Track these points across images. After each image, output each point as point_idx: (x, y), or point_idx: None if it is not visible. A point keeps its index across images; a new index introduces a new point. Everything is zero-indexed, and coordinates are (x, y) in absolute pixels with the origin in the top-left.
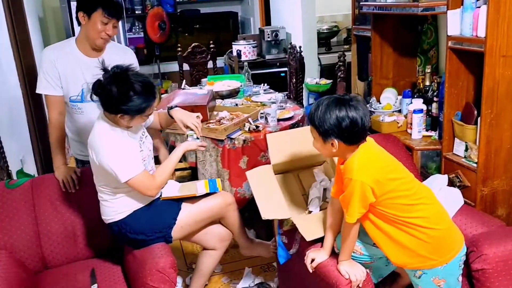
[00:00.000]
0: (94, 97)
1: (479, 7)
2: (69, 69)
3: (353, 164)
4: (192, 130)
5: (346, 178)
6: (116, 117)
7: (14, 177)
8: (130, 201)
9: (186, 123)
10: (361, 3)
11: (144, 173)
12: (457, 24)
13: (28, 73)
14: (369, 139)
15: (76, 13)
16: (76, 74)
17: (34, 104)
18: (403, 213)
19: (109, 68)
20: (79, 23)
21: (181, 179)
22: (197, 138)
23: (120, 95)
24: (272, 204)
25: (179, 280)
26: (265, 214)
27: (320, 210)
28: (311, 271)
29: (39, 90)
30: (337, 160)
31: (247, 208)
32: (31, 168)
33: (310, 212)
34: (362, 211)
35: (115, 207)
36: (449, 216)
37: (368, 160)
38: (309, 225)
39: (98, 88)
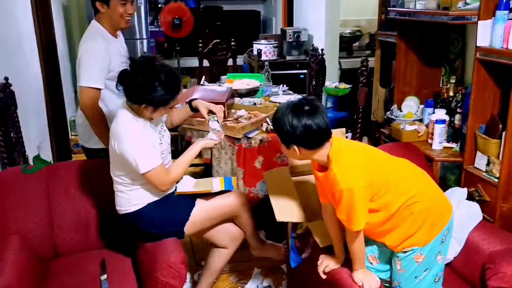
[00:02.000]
0: (119, 86)
1: (511, 19)
2: (114, 55)
3: (336, 175)
4: (214, 114)
5: (336, 191)
6: (140, 107)
7: (31, 162)
8: (145, 194)
9: (209, 108)
10: (388, 8)
11: (161, 167)
12: (488, 35)
13: (49, 61)
14: (336, 138)
15: (93, 4)
16: (117, 57)
17: (54, 92)
18: (390, 198)
19: (136, 58)
20: (96, 12)
21: (194, 176)
22: (218, 121)
23: (145, 85)
24: (287, 206)
25: (188, 277)
26: (280, 216)
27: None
28: (324, 277)
29: (95, 84)
30: (311, 164)
31: (260, 208)
32: (47, 154)
33: None
34: (367, 214)
35: (130, 199)
36: (434, 184)
37: (345, 162)
38: (324, 231)
39: (124, 77)
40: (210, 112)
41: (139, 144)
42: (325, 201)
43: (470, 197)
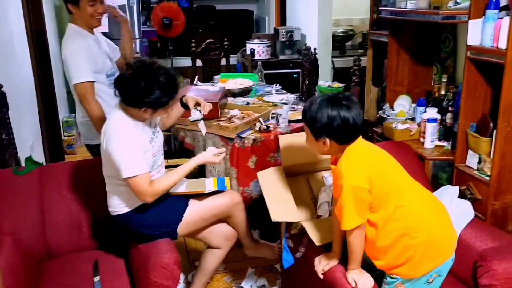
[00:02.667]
0: (117, 92)
1: (501, 18)
2: (95, 49)
3: (341, 168)
4: (199, 106)
5: (337, 184)
6: (139, 111)
7: (23, 164)
8: None
9: (197, 100)
10: (380, 8)
11: (145, 176)
12: (478, 34)
13: (41, 61)
14: (360, 139)
15: (66, 5)
16: (97, 50)
17: (46, 93)
18: (386, 215)
19: (132, 63)
20: (70, 13)
21: (187, 176)
22: (200, 112)
23: (145, 88)
24: (282, 206)
25: (181, 277)
26: (275, 216)
27: (330, 215)
28: (321, 276)
29: (86, 78)
30: (330, 159)
31: (253, 208)
32: (39, 156)
33: (319, 216)
34: (361, 216)
35: (122, 200)
36: (440, 219)
37: (355, 160)
38: (319, 229)
39: (122, 82)
40: (197, 104)
41: (127, 147)
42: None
43: (462, 195)
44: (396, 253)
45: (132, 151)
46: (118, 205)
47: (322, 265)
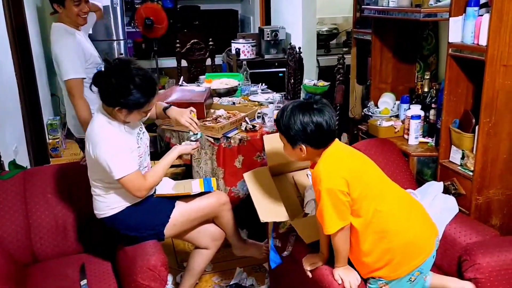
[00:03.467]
0: (94, 88)
1: (482, 15)
2: (84, 44)
3: (319, 173)
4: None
5: (316, 190)
6: (113, 110)
7: (6, 168)
8: (123, 197)
9: (180, 122)
10: (362, 6)
11: (137, 172)
12: (459, 31)
13: (24, 64)
14: (336, 142)
15: (51, 5)
16: (86, 45)
17: (29, 95)
18: (366, 220)
19: (111, 60)
20: (56, 12)
21: (175, 176)
22: (197, 134)
23: (119, 87)
24: (270, 206)
25: (170, 278)
26: (264, 217)
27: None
28: (310, 275)
29: (76, 74)
30: (309, 162)
31: (241, 207)
32: (23, 159)
33: (306, 214)
34: (342, 219)
35: (108, 202)
36: (420, 219)
37: (332, 164)
38: (307, 228)
39: (98, 79)
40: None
41: (113, 149)
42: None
43: (446, 190)
44: (377, 256)
45: (119, 151)
46: (104, 208)
47: (308, 263)
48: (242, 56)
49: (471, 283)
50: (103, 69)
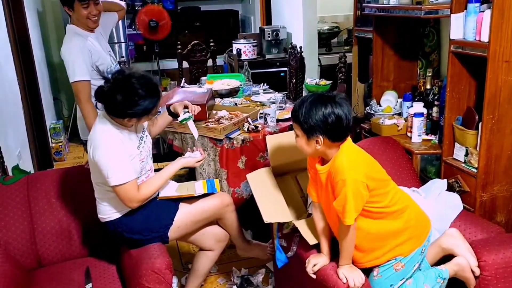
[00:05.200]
0: (99, 104)
1: (483, 11)
2: (93, 48)
3: (343, 164)
4: (187, 109)
5: (338, 180)
6: (123, 120)
7: (10, 173)
8: None
9: (185, 104)
10: (363, 4)
11: (133, 183)
12: (460, 28)
13: (26, 68)
14: (348, 139)
15: (63, 7)
16: (97, 49)
17: (32, 100)
18: (384, 209)
19: (110, 76)
20: (69, 14)
21: (178, 178)
22: (189, 114)
23: (125, 102)
24: (274, 207)
25: (175, 280)
26: (268, 218)
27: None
28: (314, 276)
29: (81, 77)
30: (308, 161)
31: (245, 208)
32: (27, 164)
33: (310, 215)
34: (358, 211)
35: (111, 206)
36: (415, 201)
37: (355, 157)
38: (311, 228)
39: (102, 96)
40: (185, 107)
41: (113, 156)
42: (319, 200)
43: (450, 188)
44: (396, 234)
45: (118, 159)
46: (107, 211)
47: (311, 264)
48: (243, 57)
49: (454, 228)
50: (110, 75)
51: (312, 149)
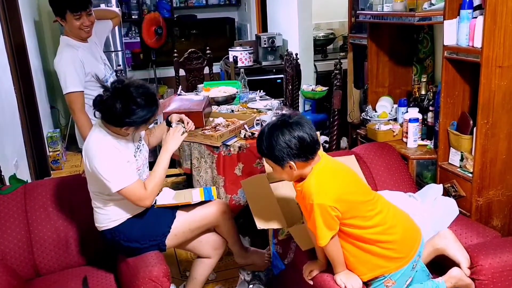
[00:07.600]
0: (97, 113)
1: (476, 17)
2: (86, 58)
3: (310, 188)
4: (182, 122)
5: (307, 204)
6: (121, 129)
7: (7, 182)
8: (124, 209)
9: (180, 117)
10: (357, 11)
11: (137, 183)
12: (454, 34)
13: (23, 77)
14: (324, 155)
15: (55, 18)
16: (89, 59)
17: (29, 109)
18: (361, 231)
19: (108, 84)
20: (61, 25)
21: (175, 186)
22: (183, 128)
23: (123, 111)
24: (268, 213)
25: None
26: (261, 224)
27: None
28: (311, 283)
29: (73, 88)
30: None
31: (242, 215)
32: (24, 172)
33: None
34: (333, 232)
35: (109, 215)
36: (403, 214)
37: (325, 179)
38: (305, 235)
39: (100, 105)
40: (180, 121)
41: (110, 162)
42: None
43: (446, 192)
44: (379, 255)
45: (117, 164)
46: (105, 220)
47: (307, 271)
48: (239, 64)
49: (447, 229)
50: (107, 83)
51: (290, 175)
